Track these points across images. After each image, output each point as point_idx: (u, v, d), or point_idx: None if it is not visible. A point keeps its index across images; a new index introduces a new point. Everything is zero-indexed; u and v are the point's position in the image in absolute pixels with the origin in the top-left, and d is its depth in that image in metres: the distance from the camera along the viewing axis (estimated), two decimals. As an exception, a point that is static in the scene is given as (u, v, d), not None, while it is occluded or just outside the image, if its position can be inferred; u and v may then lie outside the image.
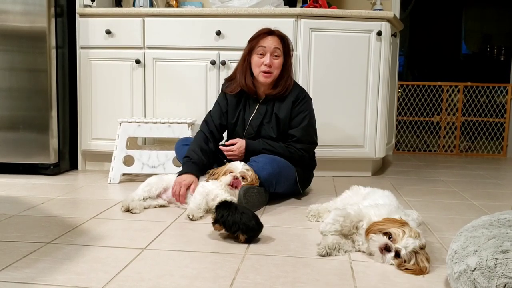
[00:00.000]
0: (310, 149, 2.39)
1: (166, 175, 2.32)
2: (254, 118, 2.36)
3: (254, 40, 2.33)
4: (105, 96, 3.04)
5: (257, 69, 2.31)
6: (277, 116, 2.33)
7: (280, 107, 2.34)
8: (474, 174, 3.31)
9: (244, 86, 2.35)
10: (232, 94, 2.40)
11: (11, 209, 2.11)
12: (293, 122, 2.34)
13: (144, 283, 1.33)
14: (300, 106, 2.34)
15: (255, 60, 2.31)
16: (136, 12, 2.99)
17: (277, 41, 2.31)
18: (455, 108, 4.37)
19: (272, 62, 2.28)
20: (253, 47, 2.32)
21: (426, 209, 2.27)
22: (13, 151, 2.89)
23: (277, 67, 2.31)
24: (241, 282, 1.35)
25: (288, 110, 2.33)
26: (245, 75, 2.35)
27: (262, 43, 2.29)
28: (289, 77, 2.36)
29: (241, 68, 2.37)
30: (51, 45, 2.86)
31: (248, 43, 2.36)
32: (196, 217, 1.98)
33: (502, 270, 1.11)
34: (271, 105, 2.36)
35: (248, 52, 2.34)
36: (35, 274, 1.38)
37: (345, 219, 1.60)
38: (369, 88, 2.96)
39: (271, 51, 2.28)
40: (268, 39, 2.30)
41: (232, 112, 2.41)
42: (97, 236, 1.75)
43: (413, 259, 1.45)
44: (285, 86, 2.33)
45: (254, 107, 2.38)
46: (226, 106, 2.42)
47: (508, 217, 1.39)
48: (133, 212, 2.08)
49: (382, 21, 2.92)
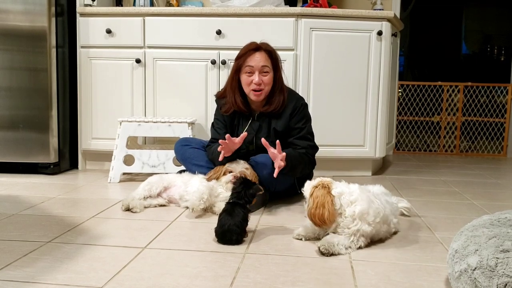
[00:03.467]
0: (313, 154, 2.38)
1: (166, 174, 2.33)
2: (248, 134, 2.28)
3: (241, 58, 2.27)
4: (105, 96, 3.04)
5: (247, 88, 2.27)
6: (276, 130, 2.29)
7: (277, 122, 2.30)
8: (474, 174, 3.31)
9: (235, 106, 2.31)
10: (225, 112, 2.36)
11: (11, 208, 2.10)
12: (293, 131, 2.30)
13: (144, 282, 1.33)
14: (298, 115, 2.31)
15: (244, 79, 2.26)
16: (136, 12, 2.99)
17: (265, 57, 2.25)
18: (455, 108, 4.37)
19: (261, 79, 2.23)
20: (241, 66, 2.26)
21: (426, 209, 2.27)
22: (13, 150, 2.89)
23: (268, 83, 2.26)
24: (242, 281, 1.35)
25: (286, 122, 2.29)
26: (235, 94, 2.30)
27: (249, 62, 2.23)
28: (282, 91, 2.31)
29: (230, 87, 2.33)
30: (52, 44, 2.86)
31: (235, 60, 2.30)
32: (197, 209, 1.97)
33: (503, 269, 1.11)
34: (267, 121, 2.32)
35: (236, 71, 2.29)
36: (35, 273, 1.38)
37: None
38: (369, 88, 2.96)
39: (259, 69, 2.23)
40: (255, 57, 2.24)
41: (229, 127, 2.38)
42: (97, 235, 1.75)
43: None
44: (279, 102, 2.28)
45: (246, 123, 2.35)
46: (224, 121, 2.38)
47: (509, 216, 1.39)
48: (133, 211, 2.08)
49: (382, 20, 2.92)
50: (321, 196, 1.62)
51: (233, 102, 2.31)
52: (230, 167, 2.13)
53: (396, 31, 3.27)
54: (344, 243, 1.60)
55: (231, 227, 1.66)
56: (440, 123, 4.39)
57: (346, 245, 1.61)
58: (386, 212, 1.72)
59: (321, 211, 1.60)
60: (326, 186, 1.65)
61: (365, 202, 1.63)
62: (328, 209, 1.60)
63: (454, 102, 4.36)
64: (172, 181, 2.24)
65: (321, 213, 1.60)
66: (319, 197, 1.62)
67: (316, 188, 1.65)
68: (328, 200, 1.61)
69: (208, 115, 2.98)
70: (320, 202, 1.61)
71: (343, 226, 1.63)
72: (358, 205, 1.62)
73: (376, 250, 1.65)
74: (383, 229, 1.71)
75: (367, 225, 1.62)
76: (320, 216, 1.61)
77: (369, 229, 1.63)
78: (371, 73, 2.95)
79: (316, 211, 1.61)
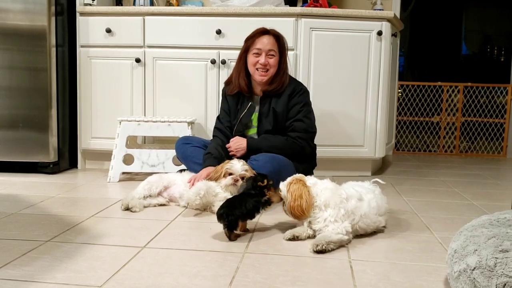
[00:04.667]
0: (308, 138, 2.40)
1: (166, 174, 2.33)
2: (244, 116, 2.39)
3: (250, 40, 2.37)
4: (105, 95, 3.04)
5: (252, 68, 2.35)
6: (275, 110, 2.37)
7: (277, 102, 2.38)
8: (474, 175, 3.31)
9: (238, 87, 2.40)
10: (231, 95, 2.44)
11: (10, 207, 2.10)
12: (290, 113, 2.37)
13: (144, 281, 1.33)
14: (296, 98, 2.38)
15: (251, 60, 2.35)
16: (136, 11, 2.99)
17: (272, 41, 2.35)
18: (455, 109, 4.37)
19: (267, 61, 2.32)
20: (249, 47, 2.36)
21: (426, 209, 2.27)
22: (13, 149, 2.89)
23: (273, 65, 2.35)
24: (241, 281, 1.35)
25: (285, 103, 2.37)
26: (240, 74, 2.39)
27: (257, 44, 2.33)
28: (285, 74, 2.40)
29: (236, 67, 2.43)
30: (51, 43, 2.85)
31: (244, 42, 2.40)
32: (192, 204, 1.97)
33: (502, 269, 1.11)
34: (268, 101, 2.39)
35: (244, 51, 2.39)
36: (34, 272, 1.38)
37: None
38: (369, 88, 2.96)
39: (266, 52, 2.32)
40: (264, 40, 2.33)
41: (233, 113, 2.45)
42: (97, 234, 1.75)
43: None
44: (280, 82, 2.37)
45: (246, 105, 2.41)
46: (228, 108, 2.46)
47: (508, 216, 1.39)
48: (132, 210, 2.08)
49: (382, 20, 2.92)
50: (297, 189, 1.72)
51: (237, 83, 2.40)
52: (230, 169, 2.12)
53: (396, 31, 3.27)
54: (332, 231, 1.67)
55: (222, 213, 1.70)
56: (440, 123, 4.39)
57: (334, 232, 1.66)
58: (351, 192, 1.79)
59: (300, 202, 1.70)
60: (301, 179, 1.76)
61: (328, 191, 1.73)
62: (306, 199, 1.70)
63: (454, 102, 4.36)
64: (172, 180, 2.24)
65: (299, 204, 1.70)
66: (296, 190, 1.72)
67: (291, 184, 1.75)
68: (305, 191, 1.72)
69: (208, 115, 2.98)
70: (298, 194, 1.71)
71: (315, 216, 1.72)
72: (322, 195, 1.73)
73: (375, 250, 1.65)
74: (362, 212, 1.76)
75: (334, 209, 1.69)
76: (298, 207, 1.70)
77: (342, 212, 1.70)
78: (371, 73, 2.95)
79: (294, 203, 1.70)
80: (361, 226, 1.76)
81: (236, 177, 2.08)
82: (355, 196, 1.78)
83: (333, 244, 1.62)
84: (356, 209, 1.74)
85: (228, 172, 2.11)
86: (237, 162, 2.14)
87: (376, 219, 1.81)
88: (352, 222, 1.72)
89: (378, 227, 1.84)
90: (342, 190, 1.78)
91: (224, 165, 2.15)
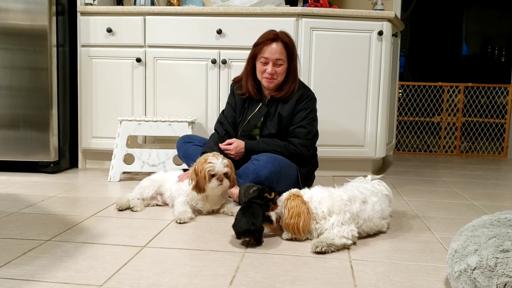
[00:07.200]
0: (309, 145, 2.39)
1: (157, 175, 2.28)
2: (254, 117, 2.38)
3: (258, 46, 2.33)
4: (105, 95, 3.04)
5: (260, 75, 2.34)
6: (280, 114, 2.35)
7: (283, 106, 2.36)
8: (474, 175, 3.31)
9: (247, 91, 2.39)
10: (240, 95, 2.44)
11: (11, 207, 2.10)
12: (295, 119, 2.36)
13: (144, 280, 1.33)
14: (303, 103, 2.36)
15: (259, 67, 2.33)
16: (137, 11, 2.99)
17: (281, 48, 2.29)
18: (455, 109, 4.36)
19: (274, 70, 2.29)
20: (257, 54, 2.33)
21: (426, 209, 2.26)
22: (13, 149, 2.89)
23: (281, 74, 2.32)
24: (241, 280, 1.35)
25: (291, 108, 2.35)
26: (248, 79, 2.38)
27: (265, 53, 2.28)
28: (294, 80, 2.37)
29: (245, 71, 2.41)
30: (52, 43, 2.86)
31: (253, 47, 2.36)
32: (184, 219, 1.94)
33: (503, 269, 1.11)
34: (275, 107, 2.38)
35: (252, 57, 2.37)
36: (34, 271, 1.38)
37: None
38: (370, 88, 2.96)
39: (274, 61, 2.28)
40: (272, 48, 2.28)
41: (239, 111, 2.44)
42: (97, 233, 1.75)
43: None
44: (289, 90, 2.34)
45: (256, 106, 2.40)
46: (235, 104, 2.45)
47: (509, 216, 1.39)
48: (134, 210, 2.08)
49: (383, 21, 2.92)
50: (296, 206, 1.66)
51: (245, 87, 2.39)
52: (212, 171, 1.99)
53: (397, 31, 3.27)
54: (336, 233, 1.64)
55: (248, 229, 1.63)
56: (440, 123, 4.39)
57: (338, 235, 1.64)
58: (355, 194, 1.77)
59: (296, 220, 1.65)
60: (298, 195, 1.70)
61: (328, 199, 1.70)
62: (304, 218, 1.65)
63: (455, 102, 4.36)
64: (165, 180, 2.20)
65: (296, 222, 1.65)
66: (294, 207, 1.66)
67: (289, 200, 1.69)
68: (304, 209, 1.66)
69: (208, 115, 2.98)
70: (296, 212, 1.65)
71: (320, 230, 1.68)
72: (324, 204, 1.69)
73: (376, 250, 1.65)
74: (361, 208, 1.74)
75: (339, 215, 1.67)
76: (294, 226, 1.65)
77: (347, 216, 1.68)
78: (372, 73, 2.95)
79: (291, 221, 1.66)
80: (364, 229, 1.75)
81: (220, 177, 1.99)
82: (359, 198, 1.76)
83: (334, 247, 1.61)
84: (361, 212, 1.73)
85: (210, 174, 1.99)
86: (216, 160, 1.99)
87: (379, 223, 1.80)
88: (356, 226, 1.71)
89: (380, 230, 1.83)
90: (340, 192, 1.75)
91: (203, 165, 1.99)
